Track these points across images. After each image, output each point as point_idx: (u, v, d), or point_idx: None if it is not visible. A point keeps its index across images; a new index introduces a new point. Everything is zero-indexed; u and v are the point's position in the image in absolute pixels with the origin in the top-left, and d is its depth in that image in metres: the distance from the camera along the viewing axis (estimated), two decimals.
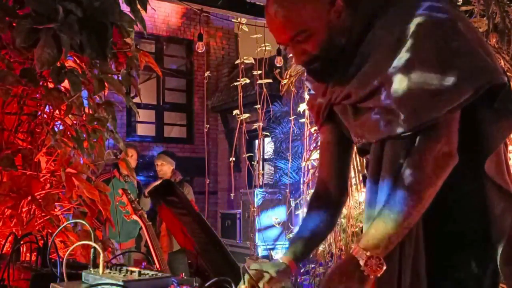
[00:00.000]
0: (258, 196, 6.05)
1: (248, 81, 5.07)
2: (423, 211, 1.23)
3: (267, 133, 5.83)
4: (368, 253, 1.19)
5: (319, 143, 3.67)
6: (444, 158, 1.22)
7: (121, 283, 1.17)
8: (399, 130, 1.24)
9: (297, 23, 1.29)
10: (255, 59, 4.93)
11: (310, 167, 4.20)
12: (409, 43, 1.22)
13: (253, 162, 5.63)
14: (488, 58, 1.22)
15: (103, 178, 4.22)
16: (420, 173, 1.22)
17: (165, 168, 5.48)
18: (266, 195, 6.38)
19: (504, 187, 1.32)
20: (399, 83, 1.22)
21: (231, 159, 5.16)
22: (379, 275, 1.18)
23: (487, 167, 1.29)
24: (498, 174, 1.32)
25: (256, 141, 6.24)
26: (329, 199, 1.55)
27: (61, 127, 2.45)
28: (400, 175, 1.24)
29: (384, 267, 1.18)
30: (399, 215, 1.21)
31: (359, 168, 3.63)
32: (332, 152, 1.57)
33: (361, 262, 1.19)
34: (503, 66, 2.92)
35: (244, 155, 5.39)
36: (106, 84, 2.37)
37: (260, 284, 1.37)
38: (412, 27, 1.22)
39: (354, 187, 3.71)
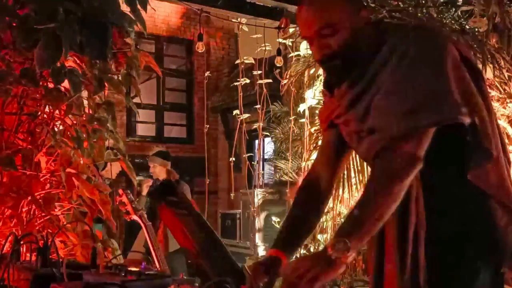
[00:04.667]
0: (258, 196, 6.04)
1: (248, 81, 5.07)
2: (394, 205, 1.30)
3: (267, 133, 5.83)
4: (336, 239, 1.24)
5: (319, 143, 3.67)
6: (411, 158, 1.32)
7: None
8: (376, 149, 1.39)
9: (326, 17, 1.43)
10: (255, 59, 4.93)
11: (310, 167, 4.19)
12: (398, 75, 1.39)
13: (253, 162, 5.63)
14: (461, 97, 1.34)
15: None
16: (390, 169, 1.34)
17: (158, 169, 5.41)
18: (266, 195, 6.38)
19: (505, 202, 1.40)
20: (379, 111, 1.41)
21: (231, 159, 5.16)
22: (347, 260, 1.21)
23: (488, 185, 1.39)
24: (500, 190, 1.40)
25: (256, 141, 6.24)
26: (319, 189, 1.61)
27: (61, 127, 2.45)
28: (372, 171, 1.39)
29: (352, 252, 1.21)
30: (369, 207, 1.30)
31: (359, 168, 3.63)
32: (331, 149, 1.65)
33: (328, 247, 1.22)
34: (504, 65, 2.92)
35: (244, 155, 5.39)
36: (106, 84, 2.37)
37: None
38: (404, 62, 1.38)
39: (354, 186, 3.71)
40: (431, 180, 1.40)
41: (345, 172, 3.57)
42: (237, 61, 5.08)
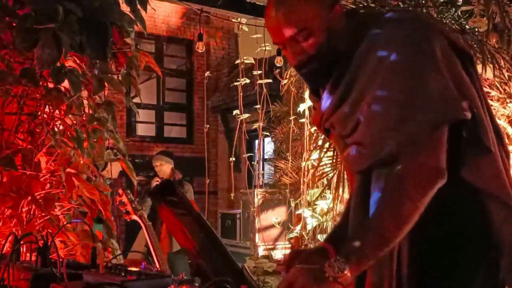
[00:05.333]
0: (258, 196, 6.05)
1: (248, 81, 5.07)
2: (406, 228, 1.19)
3: (267, 133, 5.83)
4: (335, 258, 1.18)
5: (319, 143, 3.68)
6: (429, 173, 1.19)
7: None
8: (365, 164, 1.29)
9: (298, 21, 1.32)
10: (255, 59, 4.93)
11: (310, 167, 4.20)
12: (381, 77, 1.26)
13: (253, 162, 5.64)
14: (456, 90, 1.22)
15: None
16: (398, 188, 1.21)
17: (164, 168, 5.47)
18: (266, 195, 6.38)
19: (501, 196, 1.30)
20: (366, 122, 1.28)
21: (231, 159, 5.16)
22: (343, 280, 1.15)
23: (486, 183, 1.28)
24: (495, 183, 1.30)
25: (256, 141, 6.24)
26: None
27: (61, 127, 2.45)
28: (382, 188, 1.24)
29: (347, 273, 1.14)
30: (374, 230, 1.20)
31: None
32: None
33: (326, 263, 1.17)
34: (504, 65, 2.92)
35: (244, 155, 5.40)
36: (106, 84, 2.37)
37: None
38: (386, 59, 1.25)
39: None
40: None
41: (346, 172, 3.56)
42: (237, 61, 5.08)
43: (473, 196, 1.29)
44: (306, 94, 4.28)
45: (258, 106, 4.90)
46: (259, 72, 4.84)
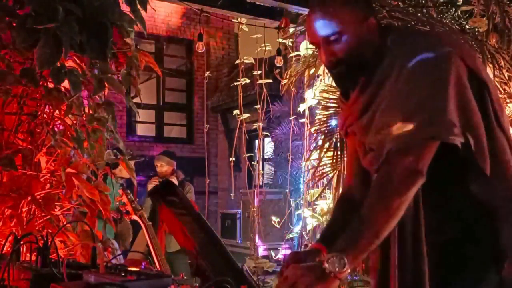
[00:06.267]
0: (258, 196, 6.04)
1: (248, 81, 5.07)
2: (393, 221, 1.28)
3: (267, 133, 5.83)
4: (333, 253, 1.23)
5: (319, 143, 3.67)
6: (411, 172, 1.30)
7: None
8: (375, 167, 1.41)
9: (334, 24, 1.44)
10: (255, 59, 4.93)
11: (310, 167, 4.20)
12: (394, 93, 1.39)
13: (253, 162, 5.63)
14: (460, 115, 1.33)
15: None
16: (388, 184, 1.32)
17: (166, 168, 5.47)
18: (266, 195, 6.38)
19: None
20: (376, 131, 1.43)
21: (231, 159, 5.16)
22: (341, 276, 1.21)
23: (490, 197, 1.39)
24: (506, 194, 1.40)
25: (256, 141, 6.24)
26: (354, 203, 1.62)
27: (61, 127, 2.45)
28: (372, 185, 1.37)
29: (347, 268, 1.21)
30: (366, 224, 1.28)
31: None
32: (353, 157, 1.67)
33: (324, 260, 1.23)
34: (504, 65, 2.92)
35: (244, 155, 5.40)
36: (106, 84, 2.37)
37: None
38: (406, 71, 1.37)
39: None
40: (432, 194, 1.39)
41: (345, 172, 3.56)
42: (237, 61, 5.08)
43: (481, 206, 1.39)
44: (306, 94, 4.29)
45: (258, 106, 4.90)
46: (259, 72, 4.84)
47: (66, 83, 2.26)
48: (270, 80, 4.93)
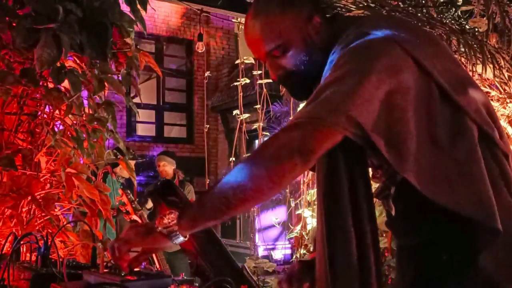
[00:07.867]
0: None
1: (248, 81, 5.07)
2: (251, 193, 1.12)
3: (267, 133, 5.83)
4: (171, 211, 1.18)
5: None
6: (292, 149, 1.10)
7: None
8: None
9: (274, 37, 1.27)
10: (255, 59, 4.92)
11: None
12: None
13: None
14: (366, 103, 1.09)
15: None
16: (262, 151, 1.18)
17: (167, 168, 5.49)
18: None
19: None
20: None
21: (231, 159, 5.16)
22: (169, 230, 1.16)
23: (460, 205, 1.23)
24: (472, 206, 1.15)
25: (256, 141, 6.25)
26: None
27: (61, 127, 2.45)
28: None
29: (180, 231, 1.16)
30: (219, 189, 1.16)
31: None
32: None
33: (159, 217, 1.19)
34: (504, 65, 2.92)
35: (244, 155, 5.39)
36: (106, 84, 2.37)
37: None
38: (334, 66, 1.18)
39: None
40: (405, 198, 1.24)
41: None
42: (237, 61, 5.08)
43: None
44: None
45: (258, 106, 4.90)
46: (259, 72, 4.84)
47: (66, 83, 2.26)
48: (270, 80, 4.92)
